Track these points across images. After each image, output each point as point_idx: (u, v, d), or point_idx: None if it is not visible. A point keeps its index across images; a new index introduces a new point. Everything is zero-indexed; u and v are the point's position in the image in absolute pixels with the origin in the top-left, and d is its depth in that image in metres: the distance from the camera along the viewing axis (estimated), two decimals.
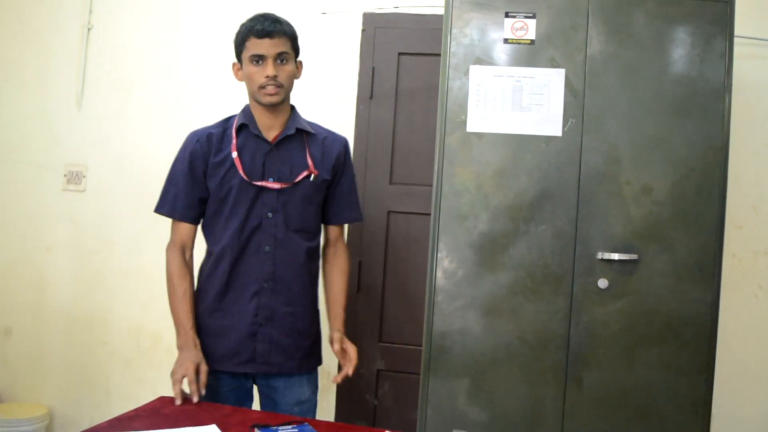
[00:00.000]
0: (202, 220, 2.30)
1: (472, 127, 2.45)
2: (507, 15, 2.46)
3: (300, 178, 2.23)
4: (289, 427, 1.62)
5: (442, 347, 2.44)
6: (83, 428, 1.65)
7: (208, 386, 2.11)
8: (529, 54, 2.45)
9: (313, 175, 2.26)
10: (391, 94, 3.30)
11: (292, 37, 2.25)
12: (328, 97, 3.36)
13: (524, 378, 2.40)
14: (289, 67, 2.23)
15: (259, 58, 2.18)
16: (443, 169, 2.46)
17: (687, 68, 2.40)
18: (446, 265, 2.45)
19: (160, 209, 2.28)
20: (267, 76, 2.16)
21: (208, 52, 3.51)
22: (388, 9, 3.33)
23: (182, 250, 2.28)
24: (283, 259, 2.22)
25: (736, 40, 2.41)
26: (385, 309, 3.27)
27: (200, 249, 2.37)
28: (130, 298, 3.54)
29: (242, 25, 2.23)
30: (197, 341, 2.16)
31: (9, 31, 3.76)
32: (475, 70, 2.46)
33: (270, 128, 2.26)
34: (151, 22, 3.60)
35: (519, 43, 2.45)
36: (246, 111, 2.27)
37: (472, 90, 2.46)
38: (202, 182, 2.22)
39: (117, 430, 1.62)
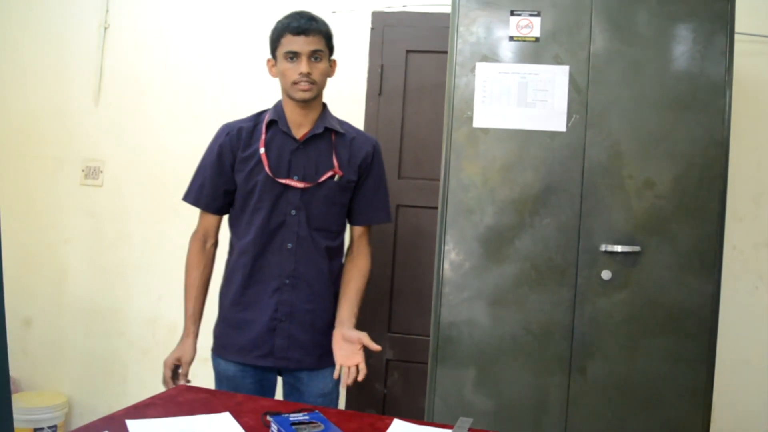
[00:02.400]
0: (231, 215, 2.29)
1: (478, 122, 2.46)
2: (512, 13, 2.46)
3: (324, 178, 2.19)
4: (300, 414, 1.62)
5: (449, 337, 2.45)
6: (101, 416, 1.66)
7: (230, 377, 2.16)
8: (534, 51, 2.45)
9: (337, 176, 2.21)
10: (399, 90, 3.30)
11: (327, 36, 2.23)
12: (338, 94, 3.36)
13: (529, 367, 2.41)
14: (323, 65, 2.21)
15: (293, 55, 2.15)
16: (450, 164, 2.47)
17: (689, 64, 2.39)
18: (453, 257, 2.45)
19: (186, 197, 2.27)
20: (300, 73, 2.13)
21: (223, 48, 3.52)
22: (397, 8, 3.33)
23: (204, 240, 2.28)
24: (304, 257, 2.19)
25: (736, 37, 2.41)
26: (394, 300, 3.27)
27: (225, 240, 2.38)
28: (147, 289, 3.56)
29: (278, 22, 2.20)
30: (192, 330, 2.22)
31: (28, 29, 3.78)
32: (481, 67, 2.47)
33: (300, 125, 2.22)
34: (167, 20, 3.61)
35: (524, 41, 2.45)
36: (277, 107, 2.25)
37: (479, 86, 2.46)
38: (229, 175, 2.20)
39: (133, 418, 1.63)
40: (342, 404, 3.25)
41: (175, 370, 2.21)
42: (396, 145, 3.28)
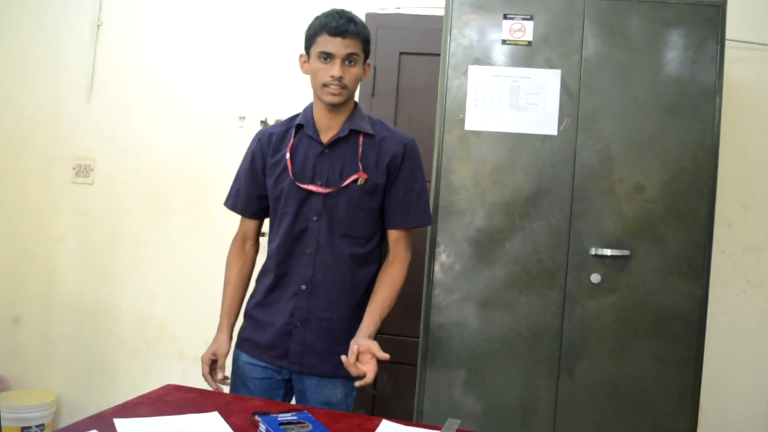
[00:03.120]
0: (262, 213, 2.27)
1: (470, 125, 2.46)
2: (505, 17, 2.47)
3: (347, 182, 2.08)
4: (289, 414, 1.62)
5: (439, 339, 2.45)
6: (90, 415, 1.65)
7: (244, 370, 2.16)
8: (526, 55, 2.46)
9: (360, 180, 2.08)
10: (392, 92, 3.30)
11: (365, 40, 2.08)
12: None
13: (519, 369, 2.41)
14: (357, 69, 2.07)
15: (327, 56, 2.03)
16: (442, 166, 2.47)
17: (679, 70, 2.41)
18: (444, 259, 2.45)
19: (226, 202, 2.27)
20: (332, 76, 2.01)
21: (215, 48, 3.51)
22: (390, 10, 3.33)
23: (243, 242, 2.29)
24: (323, 264, 2.11)
25: (727, 43, 2.42)
26: None
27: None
28: (137, 288, 3.55)
29: (316, 19, 2.09)
30: (225, 324, 2.22)
31: (21, 27, 3.77)
32: (473, 70, 2.47)
33: (328, 128, 2.12)
34: (159, 18, 3.60)
35: (516, 44, 2.46)
36: (307, 110, 2.17)
37: (471, 89, 2.47)
38: (262, 180, 2.17)
39: (122, 417, 1.62)
40: None
41: (212, 366, 2.19)
42: None
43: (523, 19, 2.46)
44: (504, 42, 2.47)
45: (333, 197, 2.08)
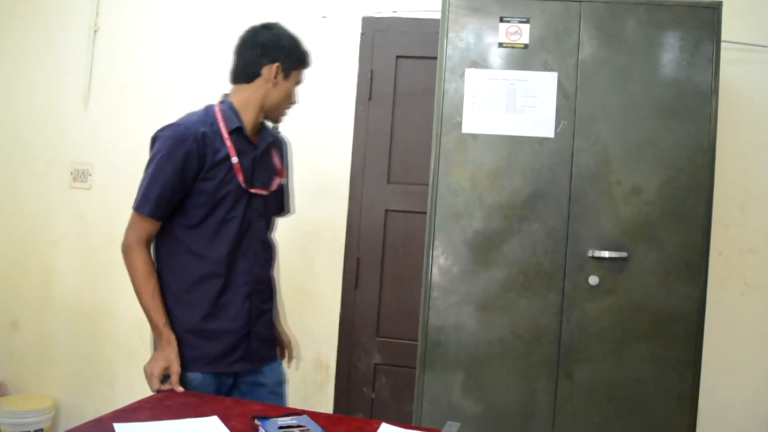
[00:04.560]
0: (182, 222, 2.11)
1: (467, 128, 2.46)
2: (502, 20, 2.47)
3: (277, 182, 2.23)
4: (288, 418, 1.62)
5: (437, 342, 2.45)
6: (88, 419, 1.65)
7: (194, 387, 2.04)
8: (523, 58, 2.46)
9: (282, 179, 2.27)
10: (389, 96, 3.30)
11: None
12: (327, 98, 3.37)
13: (517, 372, 2.41)
14: None
15: (299, 84, 2.22)
16: (439, 169, 2.47)
17: (676, 72, 2.41)
18: (442, 262, 2.45)
19: (141, 209, 2.06)
20: (295, 102, 2.24)
21: (213, 52, 3.51)
22: (387, 13, 3.33)
23: (148, 247, 2.11)
24: (266, 261, 2.21)
25: (723, 44, 2.43)
26: (383, 305, 3.27)
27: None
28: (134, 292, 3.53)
29: (299, 44, 2.21)
30: (171, 338, 2.05)
31: (18, 32, 3.76)
32: (470, 73, 2.47)
33: (253, 131, 2.18)
34: (157, 23, 3.60)
35: (513, 47, 2.47)
36: (228, 112, 2.14)
37: (468, 92, 2.47)
38: (191, 182, 2.05)
39: (121, 421, 1.62)
40: (330, 408, 3.25)
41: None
42: (385, 150, 3.28)
43: (520, 21, 2.46)
44: (501, 45, 2.47)
45: (269, 198, 2.20)
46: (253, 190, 2.12)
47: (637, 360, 2.36)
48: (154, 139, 2.13)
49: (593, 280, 2.37)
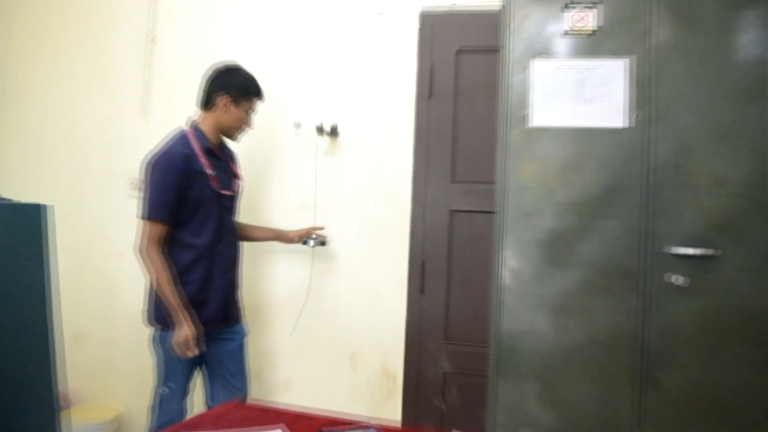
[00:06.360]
0: (175, 222, 2.74)
1: (534, 122, 2.39)
2: (566, 7, 2.40)
3: (238, 184, 3.00)
4: (355, 429, 1.56)
5: (510, 348, 2.37)
6: None
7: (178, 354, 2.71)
8: (590, 45, 2.37)
9: (240, 181, 3.04)
10: (450, 91, 3.23)
11: None
12: (386, 97, 3.31)
13: (597, 380, 2.31)
14: None
15: (251, 112, 2.94)
16: (506, 166, 2.40)
17: (757, 52, 2.27)
18: (512, 263, 2.37)
19: (155, 215, 2.68)
20: (249, 126, 2.96)
21: (270, 59, 3.49)
22: (445, 7, 3.26)
23: (160, 245, 2.72)
24: (233, 244, 2.98)
25: None
26: (450, 310, 3.20)
27: None
28: None
29: (253, 83, 2.92)
30: (186, 315, 2.69)
31: (75, 44, 3.84)
32: (535, 64, 2.40)
33: (217, 148, 2.90)
34: (214, 32, 3.62)
35: (580, 35, 2.38)
36: (202, 134, 2.84)
37: (534, 84, 2.40)
38: (183, 192, 2.71)
39: None
40: (398, 420, 3.19)
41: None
42: (448, 148, 3.21)
43: (586, 7, 2.38)
44: (566, 33, 2.39)
45: (232, 197, 2.97)
46: (223, 192, 2.87)
47: (731, 366, 2.21)
48: (149, 165, 2.73)
49: (675, 279, 2.24)
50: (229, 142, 3.01)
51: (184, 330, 2.67)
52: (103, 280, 3.73)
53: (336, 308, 3.38)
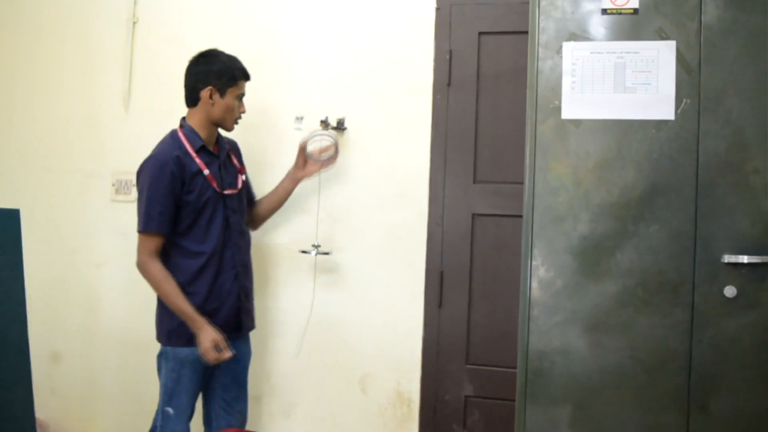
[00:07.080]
0: (176, 230, 2.84)
1: (567, 113, 2.40)
2: None
3: (241, 180, 3.07)
4: None
5: (540, 370, 2.38)
6: None
7: (193, 360, 2.82)
8: (632, 25, 2.38)
9: (244, 176, 3.11)
10: (471, 79, 3.26)
11: None
12: (399, 85, 3.32)
13: (639, 404, 2.32)
14: None
15: (242, 96, 2.99)
16: (536, 164, 2.41)
17: None
18: (542, 274, 2.38)
19: (147, 228, 2.80)
20: (243, 112, 3.02)
21: (267, 42, 3.51)
22: None
23: (159, 258, 2.83)
24: (245, 247, 3.06)
25: None
26: (472, 326, 3.22)
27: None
28: None
29: (233, 65, 2.96)
30: (204, 320, 2.78)
31: (49, 27, 3.86)
32: (568, 47, 2.41)
33: (212, 144, 2.98)
34: (205, 13, 3.63)
35: (620, 14, 2.39)
36: (193, 132, 2.91)
37: (567, 70, 2.40)
38: (179, 197, 2.80)
39: None
40: None
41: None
42: (470, 144, 3.23)
43: None
44: (604, 12, 2.40)
45: (237, 195, 3.01)
46: (226, 192, 2.93)
47: None
48: (140, 172, 2.86)
49: (730, 291, 2.24)
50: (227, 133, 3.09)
51: (208, 334, 2.77)
52: (83, 294, 3.75)
53: (343, 324, 3.39)
